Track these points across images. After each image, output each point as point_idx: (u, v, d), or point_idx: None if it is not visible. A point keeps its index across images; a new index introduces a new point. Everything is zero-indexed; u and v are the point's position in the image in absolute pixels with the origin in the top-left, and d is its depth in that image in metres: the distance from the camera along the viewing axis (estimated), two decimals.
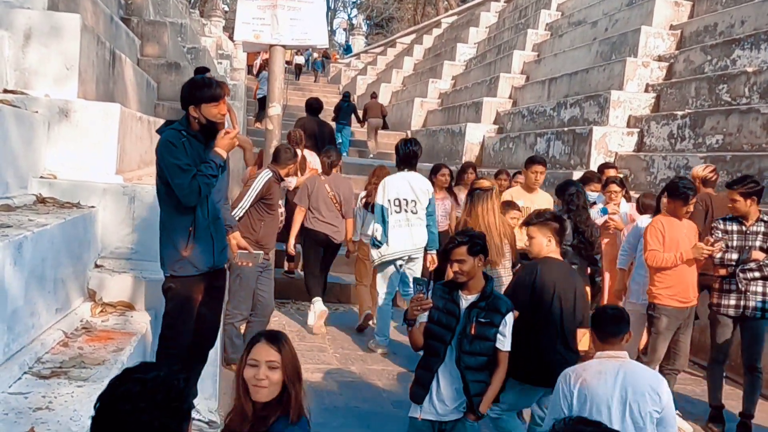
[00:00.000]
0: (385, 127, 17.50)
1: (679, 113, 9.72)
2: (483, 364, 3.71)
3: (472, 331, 3.66)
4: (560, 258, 4.42)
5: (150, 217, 4.87)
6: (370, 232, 6.81)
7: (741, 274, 5.13)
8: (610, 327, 3.55)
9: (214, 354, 4.77)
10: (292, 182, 7.41)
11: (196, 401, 3.69)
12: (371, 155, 16.69)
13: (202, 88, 3.84)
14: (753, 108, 8.51)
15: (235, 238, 4.65)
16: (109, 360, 3.54)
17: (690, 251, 5.16)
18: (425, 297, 3.63)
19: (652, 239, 5.30)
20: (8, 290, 3.18)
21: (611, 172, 7.55)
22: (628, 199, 7.10)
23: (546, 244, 4.29)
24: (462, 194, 7.39)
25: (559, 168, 10.72)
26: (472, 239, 3.71)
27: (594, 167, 8.95)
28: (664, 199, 5.45)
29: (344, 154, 14.21)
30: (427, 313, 3.71)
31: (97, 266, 4.64)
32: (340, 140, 15.84)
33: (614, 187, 6.85)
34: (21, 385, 3.11)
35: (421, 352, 3.85)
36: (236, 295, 5.60)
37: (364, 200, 7.57)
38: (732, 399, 5.65)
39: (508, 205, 6.11)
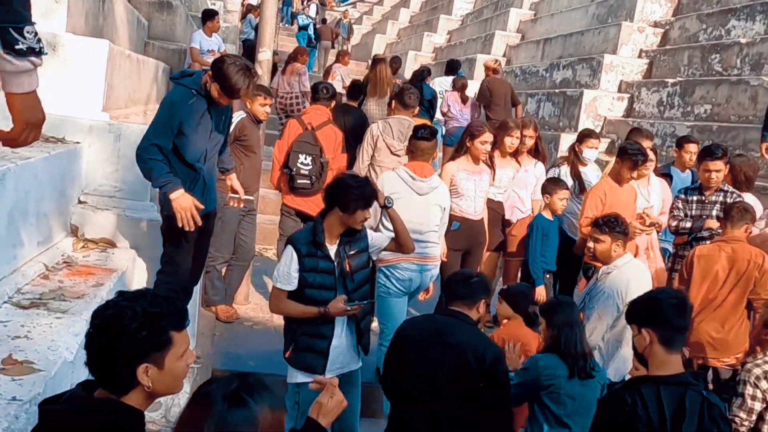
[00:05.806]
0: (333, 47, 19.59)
1: (670, 81, 9.72)
2: (368, 291, 3.62)
3: (348, 268, 3.52)
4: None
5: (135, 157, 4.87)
6: None
7: (694, 243, 5.23)
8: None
9: (195, 294, 4.85)
10: None
11: None
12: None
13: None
14: (743, 80, 8.54)
15: (231, 180, 4.66)
16: (89, 294, 3.59)
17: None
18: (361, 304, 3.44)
19: (590, 207, 5.34)
20: None
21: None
22: None
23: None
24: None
25: (548, 130, 10.73)
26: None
27: None
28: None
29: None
30: (296, 281, 3.51)
31: (80, 202, 4.65)
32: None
33: None
34: (0, 314, 3.16)
35: None
36: (218, 238, 5.62)
37: None
38: None
39: (556, 183, 5.43)
